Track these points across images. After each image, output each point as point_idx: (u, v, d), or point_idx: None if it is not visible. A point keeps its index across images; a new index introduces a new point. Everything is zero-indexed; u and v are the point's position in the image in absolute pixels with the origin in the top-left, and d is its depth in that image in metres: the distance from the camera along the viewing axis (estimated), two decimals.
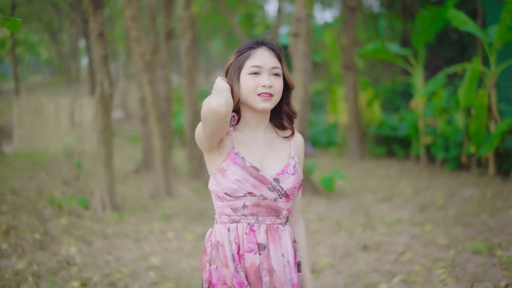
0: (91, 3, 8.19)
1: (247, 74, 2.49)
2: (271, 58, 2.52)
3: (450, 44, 18.51)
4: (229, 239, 2.46)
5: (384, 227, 7.51)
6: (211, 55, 41.18)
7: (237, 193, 2.44)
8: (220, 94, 2.31)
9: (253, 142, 2.54)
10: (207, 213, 8.64)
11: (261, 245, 2.46)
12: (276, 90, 2.49)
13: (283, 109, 2.63)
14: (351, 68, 15.03)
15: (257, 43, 2.56)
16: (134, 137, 19.76)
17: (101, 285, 5.21)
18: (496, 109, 10.42)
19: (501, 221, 7.17)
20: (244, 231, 2.46)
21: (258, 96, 2.47)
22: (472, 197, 8.81)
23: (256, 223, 2.47)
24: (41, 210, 7.98)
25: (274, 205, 2.49)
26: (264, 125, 2.58)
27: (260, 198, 2.45)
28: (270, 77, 2.49)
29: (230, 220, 2.49)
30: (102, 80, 8.26)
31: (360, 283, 5.36)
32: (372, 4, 23.60)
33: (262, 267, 2.45)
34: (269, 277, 2.45)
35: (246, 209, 2.46)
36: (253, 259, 2.44)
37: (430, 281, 5.26)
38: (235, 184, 2.43)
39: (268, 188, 2.46)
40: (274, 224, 2.50)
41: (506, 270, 5.29)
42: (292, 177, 2.52)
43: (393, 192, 9.93)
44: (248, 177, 2.43)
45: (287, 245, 2.52)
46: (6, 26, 2.08)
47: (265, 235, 2.47)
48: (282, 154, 2.58)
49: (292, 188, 2.51)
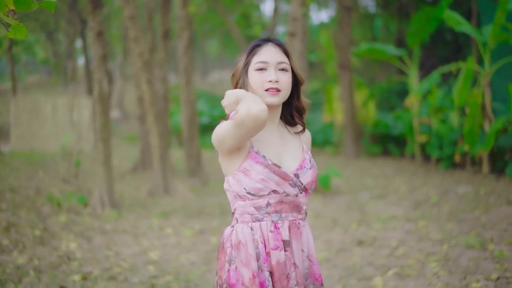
0: (90, 2, 8.29)
1: (254, 71, 2.48)
2: (277, 53, 2.52)
3: (445, 43, 18.63)
4: (253, 238, 2.46)
5: (379, 223, 7.63)
6: (208, 55, 41.30)
7: (261, 192, 2.44)
8: (258, 99, 2.27)
9: (268, 139, 2.54)
10: (205, 210, 8.75)
11: (286, 242, 2.47)
12: (283, 85, 2.48)
13: (294, 105, 2.64)
14: (346, 68, 15.15)
15: (264, 40, 2.57)
16: (131, 137, 19.85)
17: (102, 278, 5.31)
18: (490, 108, 10.55)
19: (494, 217, 7.29)
20: (269, 229, 2.46)
21: (265, 91, 2.46)
22: (466, 194, 8.93)
23: (279, 220, 2.48)
24: (40, 208, 8.08)
25: (296, 201, 2.50)
26: (276, 121, 2.59)
27: (283, 195, 2.46)
28: (277, 72, 2.48)
29: (253, 219, 2.48)
30: (101, 79, 8.36)
31: (355, 276, 5.47)
32: (367, 4, 23.73)
33: (289, 263, 2.47)
34: (294, 273, 2.48)
35: (270, 207, 2.46)
36: (279, 256, 2.45)
37: (424, 274, 5.38)
38: (260, 184, 2.42)
39: (290, 184, 2.47)
40: (296, 220, 2.52)
41: (497, 264, 5.42)
42: (310, 171, 2.53)
43: (388, 190, 10.05)
44: (272, 175, 2.43)
45: (308, 240, 2.56)
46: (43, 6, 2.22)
47: (288, 231, 2.49)
48: (297, 149, 2.59)
49: (311, 182, 2.53)
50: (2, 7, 2.19)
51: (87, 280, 5.24)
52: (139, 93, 12.87)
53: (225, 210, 8.74)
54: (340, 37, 15.46)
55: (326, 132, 17.93)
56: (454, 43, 18.37)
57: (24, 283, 5.04)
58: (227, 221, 7.94)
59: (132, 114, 24.37)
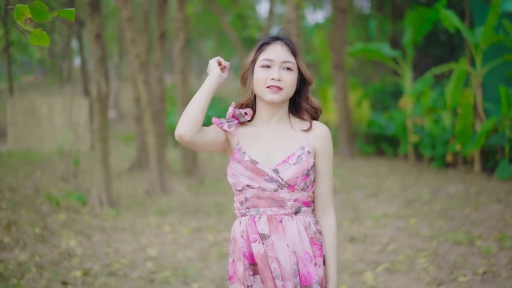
0: (89, 5, 8.45)
1: (259, 67, 2.56)
2: (283, 52, 2.56)
3: (439, 44, 18.82)
4: (240, 233, 2.55)
5: (371, 220, 7.82)
6: (203, 55, 41.39)
7: (236, 187, 2.54)
8: (181, 119, 2.45)
9: (262, 134, 2.61)
10: (202, 208, 8.92)
11: (262, 235, 2.50)
12: (285, 83, 2.53)
13: (302, 105, 2.66)
14: (341, 68, 15.33)
15: (273, 38, 2.61)
16: (127, 137, 19.97)
17: (102, 274, 5.49)
18: (481, 108, 10.74)
19: (483, 215, 7.49)
20: (248, 223, 2.53)
21: (267, 88, 2.53)
22: (457, 193, 9.12)
23: (257, 215, 2.52)
24: (39, 206, 8.23)
25: (275, 196, 2.50)
26: (277, 117, 2.62)
27: (259, 190, 2.50)
28: (281, 70, 2.53)
29: (240, 214, 2.58)
30: (99, 80, 8.53)
31: (347, 271, 5.67)
32: (362, 6, 23.92)
33: (267, 255, 2.49)
34: (277, 265, 2.49)
35: (248, 201, 2.53)
36: (258, 249, 2.49)
37: (413, 269, 5.58)
38: (233, 178, 2.54)
39: (265, 179, 2.49)
40: (277, 215, 2.51)
41: (484, 259, 5.62)
42: (293, 167, 2.50)
43: (381, 189, 10.24)
44: (243, 171, 2.51)
45: (294, 235, 2.50)
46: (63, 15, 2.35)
47: (267, 225, 2.50)
48: (291, 146, 2.58)
49: (294, 177, 2.50)
50: (19, 16, 2.33)
51: (88, 276, 5.41)
52: (136, 93, 13.02)
53: (221, 208, 8.92)
54: (335, 38, 15.64)
55: None
56: (448, 44, 18.56)
57: (26, 278, 5.21)
58: (223, 219, 8.13)
59: (128, 114, 24.49)
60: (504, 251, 5.84)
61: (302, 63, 2.61)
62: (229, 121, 2.59)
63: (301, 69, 2.60)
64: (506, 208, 7.62)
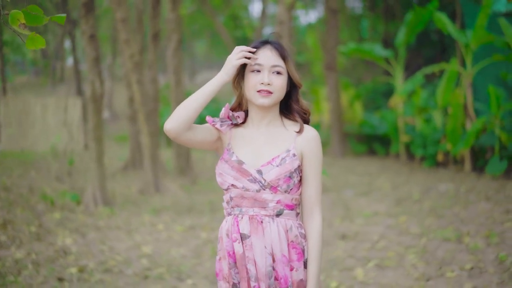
0: (83, 6, 8.54)
1: (249, 72, 2.60)
2: (273, 57, 2.59)
3: (431, 44, 18.98)
4: (226, 232, 2.61)
5: (362, 218, 7.94)
6: (196, 56, 41.49)
7: (222, 186, 2.60)
8: (173, 113, 2.52)
9: (251, 136, 2.65)
10: (195, 207, 9.02)
11: (243, 235, 2.54)
12: (275, 87, 2.57)
13: (293, 107, 2.70)
14: (333, 68, 15.45)
15: (262, 42, 2.64)
16: (121, 137, 20.04)
17: (97, 271, 5.59)
18: (471, 108, 10.87)
19: (472, 213, 7.62)
20: (231, 223, 2.58)
21: (257, 92, 2.56)
22: (447, 192, 9.25)
23: (240, 214, 2.57)
24: (34, 206, 8.32)
25: (258, 196, 2.54)
26: (267, 120, 2.66)
27: (242, 189, 2.55)
28: (270, 75, 2.57)
29: (226, 213, 2.65)
30: (93, 80, 8.62)
31: (337, 267, 5.79)
32: (355, 6, 24.06)
33: (245, 255, 2.54)
34: (253, 266, 2.54)
35: (233, 201, 2.59)
36: (238, 248, 2.54)
37: (402, 265, 5.71)
38: (219, 177, 2.60)
39: (249, 180, 2.54)
40: (258, 215, 2.55)
41: (472, 255, 5.76)
42: (276, 169, 2.53)
43: (372, 187, 10.37)
44: (229, 170, 2.56)
45: (272, 237, 2.54)
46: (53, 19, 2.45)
47: (248, 225, 2.55)
48: (279, 147, 2.61)
49: (276, 179, 2.52)
50: (14, 21, 2.42)
51: (84, 272, 5.51)
52: (130, 93, 13.11)
53: (214, 207, 9.02)
54: (327, 38, 15.77)
55: None
56: (439, 44, 18.71)
57: (23, 275, 5.31)
58: (216, 218, 8.23)
59: (122, 114, 24.54)
60: (491, 247, 5.98)
61: (291, 67, 2.64)
62: (222, 120, 2.65)
63: (290, 73, 2.63)
64: (494, 206, 7.76)
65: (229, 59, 2.58)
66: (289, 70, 2.63)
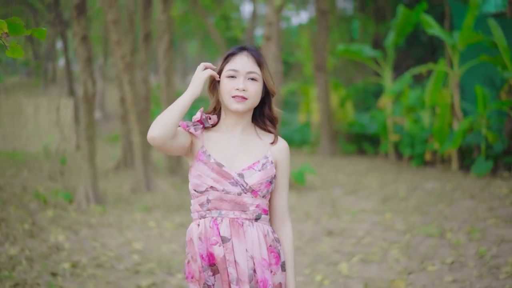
0: (75, 8, 8.67)
1: (225, 77, 2.61)
2: (248, 63, 2.61)
3: (420, 45, 19.20)
4: (198, 235, 2.59)
5: (349, 216, 8.13)
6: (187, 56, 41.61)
7: (200, 188, 2.58)
8: (156, 122, 2.47)
9: (226, 141, 2.66)
10: (185, 205, 9.17)
11: (224, 238, 2.55)
12: (250, 93, 2.59)
13: (265, 113, 2.73)
14: (322, 69, 15.61)
15: (240, 49, 2.66)
16: (112, 137, 20.17)
17: (90, 266, 5.74)
18: (458, 107, 11.05)
19: (456, 210, 7.82)
20: (209, 225, 2.57)
21: (232, 98, 2.58)
22: (433, 190, 9.44)
23: (219, 217, 2.56)
24: (27, 204, 8.45)
25: (238, 199, 2.56)
26: (241, 126, 2.68)
27: (222, 192, 2.55)
28: (246, 81, 2.59)
29: (199, 216, 2.61)
30: (86, 81, 8.76)
31: (323, 262, 5.97)
32: (345, 7, 24.25)
33: (226, 259, 2.55)
34: (234, 269, 2.56)
35: (210, 203, 2.57)
36: (218, 251, 2.54)
37: (386, 260, 5.89)
38: (197, 179, 2.57)
39: (231, 182, 2.55)
40: (239, 218, 2.57)
41: (453, 250, 5.96)
42: (258, 173, 2.58)
43: (360, 186, 10.56)
44: (209, 172, 2.56)
45: (253, 240, 2.57)
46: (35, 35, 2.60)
47: (229, 228, 2.56)
48: (255, 153, 2.66)
49: (258, 183, 2.57)
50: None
51: (76, 268, 5.66)
52: (121, 94, 13.23)
53: None
54: (317, 39, 15.94)
55: (304, 132, 18.41)
56: (429, 45, 18.94)
57: (17, 271, 5.44)
58: None
59: (113, 115, 24.65)
60: (472, 242, 6.18)
61: (267, 74, 2.66)
62: (194, 124, 2.66)
63: (265, 80, 2.66)
64: (478, 204, 7.95)
65: (196, 73, 2.62)
66: (264, 77, 2.65)
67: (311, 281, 5.42)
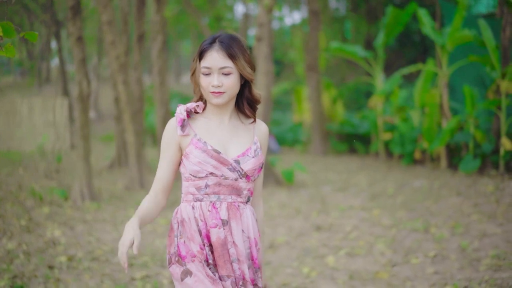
0: (70, 9, 8.85)
1: (201, 74, 2.66)
2: (219, 59, 2.62)
3: (412, 45, 19.41)
4: (194, 216, 2.68)
5: (337, 212, 8.35)
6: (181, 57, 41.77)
7: (199, 174, 2.66)
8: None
9: (216, 128, 2.73)
10: (178, 201, 9.31)
11: (224, 221, 2.66)
12: (226, 88, 2.63)
13: (246, 96, 2.78)
14: (314, 69, 15.79)
15: (210, 43, 2.67)
16: (106, 137, 20.31)
17: (85, 259, 5.94)
18: (447, 107, 11.24)
19: (442, 206, 8.05)
20: (207, 209, 2.67)
21: (210, 93, 2.65)
22: (421, 188, 9.67)
23: (218, 201, 2.68)
24: (23, 201, 8.63)
25: (235, 184, 2.69)
26: (229, 112, 2.75)
27: (221, 178, 2.66)
28: (220, 76, 2.63)
29: (194, 199, 2.70)
30: (81, 80, 8.94)
31: (310, 255, 6.18)
32: (338, 7, 24.42)
33: (227, 240, 2.66)
34: (234, 250, 2.68)
35: (209, 188, 2.67)
36: (219, 233, 2.64)
37: (371, 253, 6.12)
38: (197, 166, 2.65)
39: (229, 168, 2.66)
40: (235, 202, 2.70)
41: (437, 243, 6.19)
42: (252, 160, 2.70)
43: (349, 184, 10.77)
44: (209, 159, 2.64)
45: (248, 222, 2.72)
46: (27, 37, 2.79)
47: (227, 212, 2.68)
48: (245, 139, 2.76)
49: (252, 169, 2.70)
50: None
51: (72, 261, 5.86)
52: (116, 94, 13.38)
53: None
54: (308, 39, 16.13)
55: (296, 131, 18.60)
56: (420, 45, 19.15)
57: (15, 264, 5.64)
58: None
59: (107, 115, 24.78)
60: (455, 236, 6.41)
61: (241, 63, 2.66)
62: (180, 124, 2.70)
63: (240, 70, 2.66)
64: (464, 200, 8.19)
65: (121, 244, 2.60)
66: (238, 68, 2.66)
67: (299, 273, 5.63)
